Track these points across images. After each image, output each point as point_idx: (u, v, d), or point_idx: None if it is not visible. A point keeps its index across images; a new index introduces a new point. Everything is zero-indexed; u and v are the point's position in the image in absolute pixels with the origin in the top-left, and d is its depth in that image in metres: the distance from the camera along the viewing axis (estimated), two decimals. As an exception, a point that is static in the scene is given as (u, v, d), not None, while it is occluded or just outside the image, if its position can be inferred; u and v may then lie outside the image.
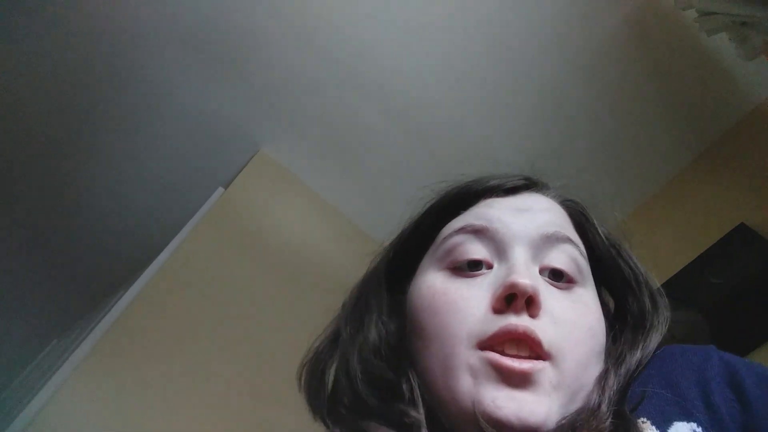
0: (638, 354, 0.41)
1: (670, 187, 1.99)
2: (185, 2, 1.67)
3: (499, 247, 0.42)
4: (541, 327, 0.37)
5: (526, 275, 0.38)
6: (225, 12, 1.68)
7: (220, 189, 1.93)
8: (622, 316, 0.45)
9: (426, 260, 0.46)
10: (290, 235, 1.92)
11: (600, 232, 0.48)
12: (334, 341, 0.47)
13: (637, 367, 0.40)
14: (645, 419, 0.37)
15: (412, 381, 0.39)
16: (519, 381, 0.35)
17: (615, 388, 0.38)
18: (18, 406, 1.29)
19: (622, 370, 0.39)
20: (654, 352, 0.42)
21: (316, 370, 0.46)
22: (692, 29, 1.58)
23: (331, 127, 1.93)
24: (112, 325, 1.39)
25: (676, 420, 0.37)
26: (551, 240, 0.42)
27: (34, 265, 2.40)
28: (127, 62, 1.81)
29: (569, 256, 0.42)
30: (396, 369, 0.41)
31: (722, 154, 1.87)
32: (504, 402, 0.34)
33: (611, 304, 0.47)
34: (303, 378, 0.46)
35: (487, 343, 0.37)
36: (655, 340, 0.42)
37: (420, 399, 0.38)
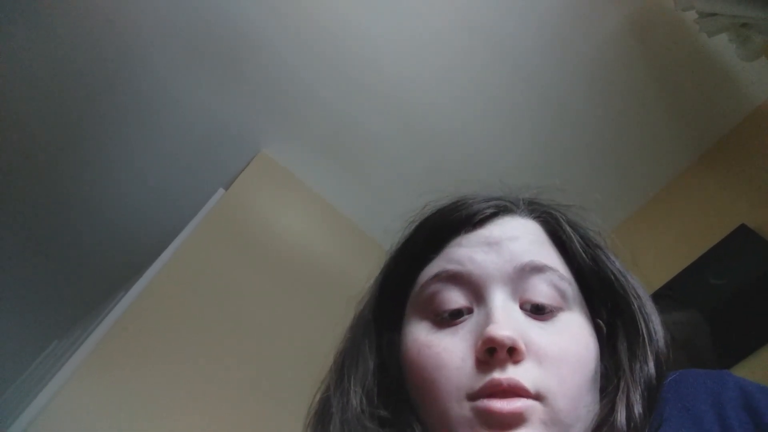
0: (652, 366, 0.40)
1: (670, 189, 1.99)
2: (185, 4, 1.67)
3: (476, 290, 0.42)
4: (525, 372, 0.37)
5: (504, 324, 0.38)
6: (226, 14, 1.68)
7: (221, 190, 1.93)
8: (613, 322, 0.45)
9: (410, 306, 0.46)
10: (291, 236, 1.92)
11: (576, 240, 0.46)
12: (330, 398, 0.46)
13: (658, 379, 0.40)
14: None
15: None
16: (510, 422, 0.35)
17: (641, 406, 0.37)
18: (19, 407, 1.29)
19: (643, 385, 0.39)
20: (669, 375, 0.42)
21: (320, 428, 0.45)
22: (692, 30, 1.58)
23: (331, 128, 1.93)
24: (113, 326, 1.39)
25: None
26: (526, 271, 0.41)
27: (35, 267, 2.41)
28: (128, 64, 1.81)
29: (549, 283, 0.42)
30: (398, 423, 0.41)
31: (723, 155, 1.87)
32: None
33: (603, 314, 0.46)
34: None
35: (477, 395, 0.37)
36: (663, 344, 0.42)
37: None
